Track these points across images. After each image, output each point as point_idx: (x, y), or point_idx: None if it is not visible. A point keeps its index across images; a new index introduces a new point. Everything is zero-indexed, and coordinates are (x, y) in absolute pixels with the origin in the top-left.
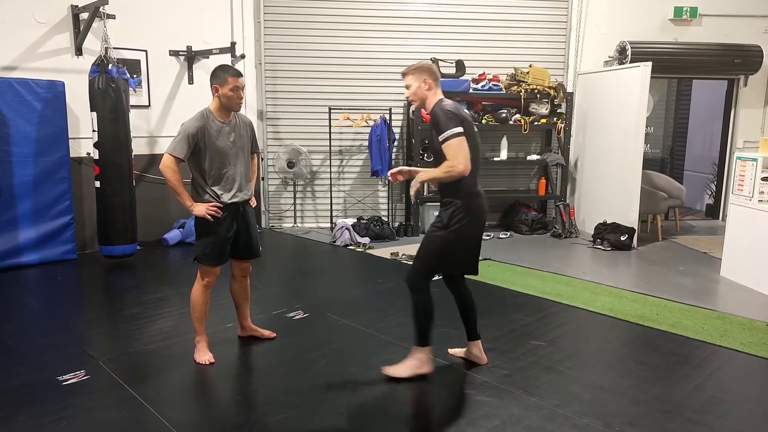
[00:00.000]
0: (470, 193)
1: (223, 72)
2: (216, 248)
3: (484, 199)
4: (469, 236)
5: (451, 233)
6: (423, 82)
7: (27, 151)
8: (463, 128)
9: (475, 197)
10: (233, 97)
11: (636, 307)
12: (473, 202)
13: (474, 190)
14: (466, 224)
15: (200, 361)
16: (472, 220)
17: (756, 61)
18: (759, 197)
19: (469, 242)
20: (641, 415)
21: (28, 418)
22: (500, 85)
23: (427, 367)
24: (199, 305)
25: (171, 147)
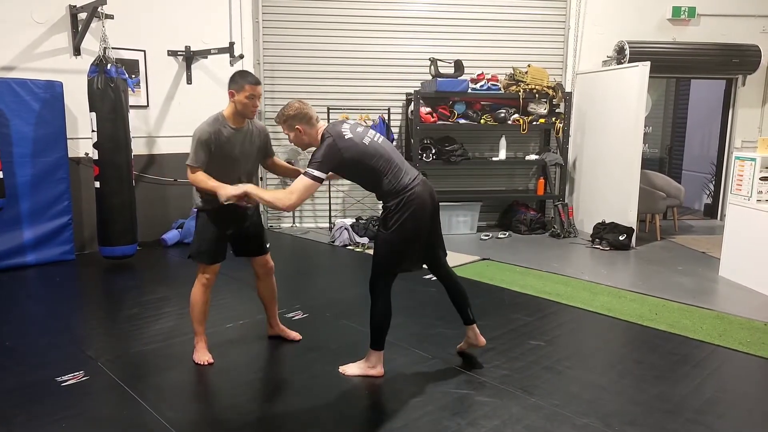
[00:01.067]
0: (400, 191)
1: (241, 78)
2: (210, 246)
3: (420, 187)
4: (414, 230)
5: (393, 234)
6: (297, 130)
7: (25, 151)
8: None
9: (408, 191)
10: (248, 105)
11: (635, 306)
12: (408, 197)
13: (402, 186)
14: (405, 220)
15: (199, 362)
16: (411, 215)
17: (754, 61)
18: (757, 197)
19: (418, 235)
20: (641, 415)
21: (27, 419)
22: (499, 85)
23: (378, 370)
24: (198, 305)
25: (190, 158)
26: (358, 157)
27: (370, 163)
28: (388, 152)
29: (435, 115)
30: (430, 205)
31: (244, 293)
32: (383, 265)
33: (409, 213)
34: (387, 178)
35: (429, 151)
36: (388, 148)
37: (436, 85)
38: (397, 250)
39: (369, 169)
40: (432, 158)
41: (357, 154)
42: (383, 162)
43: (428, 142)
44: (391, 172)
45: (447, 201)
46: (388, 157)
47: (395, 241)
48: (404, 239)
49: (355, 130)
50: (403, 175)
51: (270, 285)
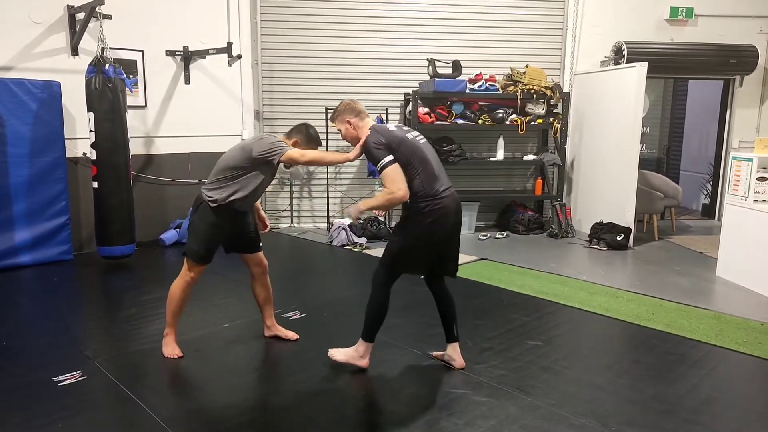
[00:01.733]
0: (429, 196)
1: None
2: (205, 248)
3: (449, 199)
4: (430, 237)
5: (410, 234)
6: (348, 123)
7: (22, 151)
8: (398, 149)
9: (436, 199)
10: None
11: (632, 306)
12: (434, 205)
13: (432, 192)
14: (426, 225)
15: (168, 355)
16: (433, 222)
17: (751, 62)
18: (754, 197)
19: (432, 243)
20: (638, 415)
21: (24, 420)
22: (497, 85)
23: (364, 361)
24: (177, 299)
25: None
26: (395, 145)
27: (406, 155)
28: (425, 153)
29: (433, 115)
30: (453, 219)
31: (241, 293)
32: (391, 259)
33: (432, 220)
34: (419, 178)
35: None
36: (427, 150)
37: (434, 86)
38: (408, 251)
39: (404, 162)
40: None
41: (396, 141)
42: (418, 160)
43: None
44: (426, 173)
45: None
46: (425, 158)
47: (409, 242)
48: (418, 243)
49: (399, 126)
50: (437, 182)
51: (265, 284)
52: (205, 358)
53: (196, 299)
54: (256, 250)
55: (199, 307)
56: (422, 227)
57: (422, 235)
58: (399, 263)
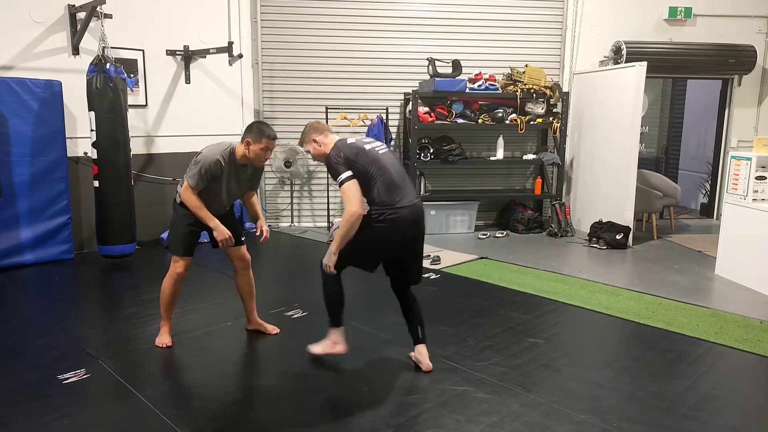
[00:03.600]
0: (384, 205)
1: (260, 132)
2: (183, 240)
3: (406, 211)
4: (379, 242)
5: (360, 233)
6: (314, 142)
7: (24, 150)
8: (355, 160)
9: (391, 209)
10: (261, 156)
11: (632, 304)
12: (387, 214)
13: (389, 201)
14: (376, 231)
15: (159, 344)
16: (383, 230)
17: (750, 61)
18: (753, 196)
19: (383, 247)
20: (638, 412)
21: (29, 417)
22: (496, 85)
23: (340, 347)
24: (167, 295)
25: (190, 177)
26: (353, 156)
27: (364, 164)
28: (384, 163)
29: (433, 114)
30: (410, 230)
31: None
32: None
33: (382, 228)
34: (377, 186)
35: (427, 151)
36: (386, 160)
37: (434, 85)
38: (355, 248)
39: (362, 171)
40: (430, 158)
41: (353, 153)
42: (376, 169)
43: (426, 142)
44: (383, 182)
45: (444, 200)
46: (383, 167)
47: (358, 241)
48: (366, 244)
49: (360, 139)
50: (396, 192)
51: (248, 278)
52: (209, 356)
53: (199, 298)
54: (237, 245)
55: (203, 305)
56: (373, 231)
57: (372, 238)
58: (345, 255)
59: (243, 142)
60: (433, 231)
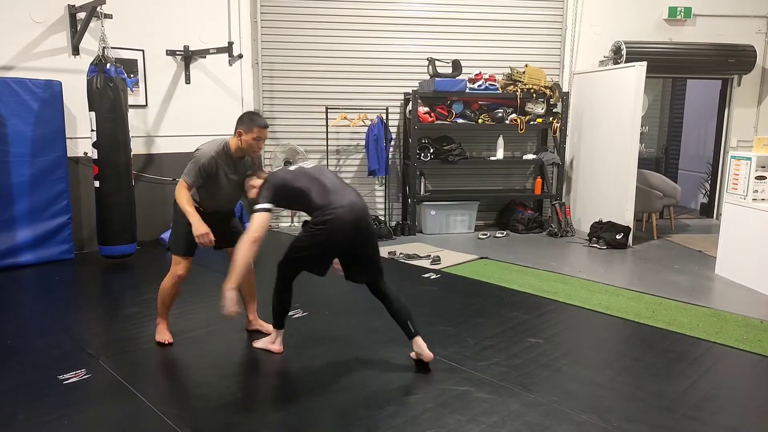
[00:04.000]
0: (321, 208)
1: (251, 121)
2: (184, 240)
3: (343, 210)
4: (323, 244)
5: (306, 237)
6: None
7: (24, 150)
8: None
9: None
10: (254, 146)
11: (632, 304)
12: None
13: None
14: (318, 233)
15: (159, 341)
16: (325, 232)
17: (749, 61)
18: (753, 196)
19: (326, 249)
20: (638, 411)
21: (30, 417)
22: (496, 85)
23: (276, 347)
24: (166, 294)
25: (186, 174)
26: (281, 182)
27: (295, 185)
28: (313, 174)
29: (433, 114)
30: (352, 227)
31: None
32: (290, 255)
33: (324, 230)
34: (312, 194)
35: (427, 151)
36: (316, 171)
37: (434, 85)
38: (303, 251)
39: (294, 189)
40: (430, 158)
41: (282, 180)
42: (306, 180)
43: (426, 142)
44: (318, 190)
45: (445, 200)
46: (314, 178)
47: (305, 244)
48: (312, 247)
49: (286, 168)
50: (330, 196)
51: (249, 281)
52: (210, 356)
53: (199, 297)
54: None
55: (203, 305)
56: (316, 234)
57: (316, 241)
58: (298, 260)
59: (235, 134)
60: (433, 231)
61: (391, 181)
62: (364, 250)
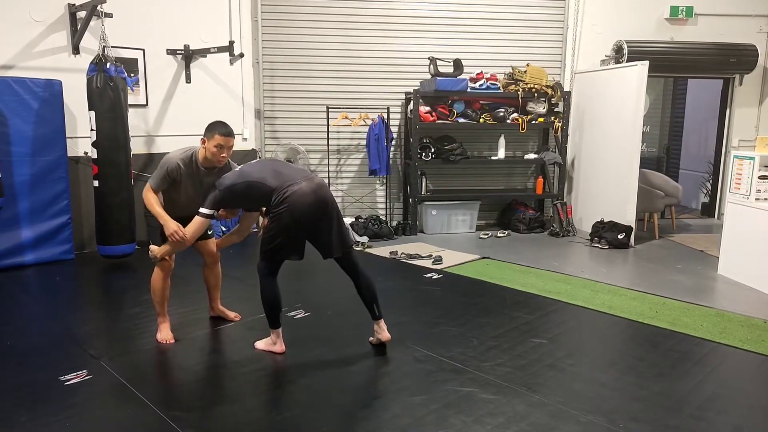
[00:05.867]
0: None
1: (214, 128)
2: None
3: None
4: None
5: (272, 223)
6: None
7: (24, 150)
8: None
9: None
10: (216, 153)
11: (635, 304)
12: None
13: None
14: (282, 213)
15: (161, 340)
16: (287, 209)
17: (751, 60)
18: (756, 195)
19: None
20: (643, 411)
21: (31, 419)
22: (498, 84)
23: (278, 347)
24: (158, 291)
25: (153, 180)
26: (229, 183)
27: (244, 180)
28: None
29: (434, 114)
30: (314, 203)
31: (245, 292)
32: (264, 249)
33: (285, 207)
34: (266, 183)
35: (428, 150)
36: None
37: (435, 84)
38: (275, 238)
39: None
40: (431, 157)
41: (229, 181)
42: (258, 174)
43: (427, 141)
44: (271, 176)
45: (446, 200)
46: (261, 166)
47: (273, 232)
48: (280, 229)
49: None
50: (285, 177)
51: (216, 272)
52: (211, 357)
53: (200, 297)
54: (206, 237)
55: (203, 305)
56: (280, 215)
57: (282, 222)
58: (272, 251)
59: (201, 142)
60: (434, 231)
61: (392, 180)
62: (329, 221)
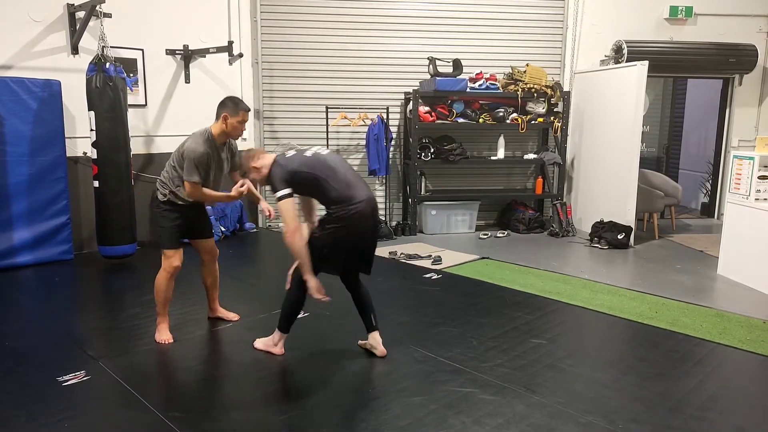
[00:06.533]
0: (341, 203)
1: (235, 105)
2: (174, 232)
3: (363, 205)
4: (343, 241)
5: (325, 236)
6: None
7: (23, 150)
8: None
9: (349, 205)
10: (239, 128)
11: (635, 305)
12: (347, 211)
13: (345, 198)
14: (339, 229)
15: (159, 340)
16: (345, 227)
17: (750, 60)
18: (756, 196)
19: (346, 246)
20: (644, 412)
21: (29, 420)
22: (497, 84)
23: (278, 349)
24: (162, 291)
25: (190, 176)
26: (297, 167)
27: (308, 171)
28: (330, 164)
29: (433, 114)
30: (370, 226)
31: (245, 292)
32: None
33: (344, 224)
34: (331, 187)
35: (427, 150)
36: (332, 161)
37: (434, 84)
38: (323, 251)
39: (310, 178)
40: (430, 157)
41: (294, 166)
42: (326, 170)
43: (427, 141)
44: (337, 182)
45: (445, 200)
46: (332, 167)
47: (325, 244)
48: (333, 245)
49: (299, 150)
50: (350, 190)
51: (214, 271)
52: (210, 358)
53: (200, 298)
54: (207, 236)
55: (203, 305)
56: (337, 230)
57: (337, 238)
58: (316, 263)
59: (220, 118)
60: (434, 231)
61: (392, 180)
62: (371, 244)
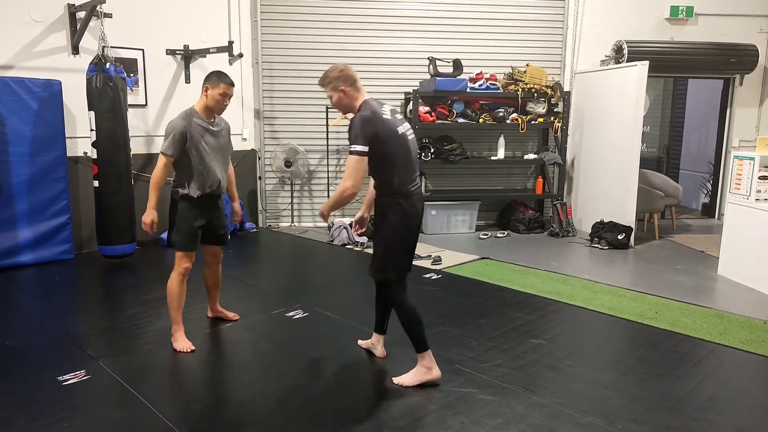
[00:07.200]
0: (404, 194)
1: (218, 77)
2: (193, 235)
3: (417, 199)
4: (410, 231)
5: (400, 227)
6: (341, 91)
7: (23, 150)
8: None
9: (410, 197)
10: (219, 101)
11: (635, 305)
12: (406, 202)
13: (406, 190)
14: (411, 216)
15: (179, 349)
16: (408, 218)
17: (751, 60)
18: (756, 196)
19: (412, 237)
20: (644, 412)
21: (29, 419)
22: (497, 84)
23: (434, 373)
24: (175, 294)
25: (166, 147)
26: (385, 137)
27: (393, 152)
28: (411, 153)
29: (434, 114)
30: (419, 218)
31: (245, 292)
32: (392, 265)
33: (413, 213)
34: (398, 175)
35: (428, 150)
36: (413, 149)
37: (434, 85)
38: (403, 243)
39: (390, 157)
40: (431, 157)
41: (388, 135)
42: (403, 159)
43: (427, 141)
44: (406, 172)
45: (445, 200)
46: (409, 158)
47: (402, 234)
48: (405, 237)
49: (393, 114)
50: (414, 178)
51: (217, 272)
52: (211, 358)
53: (200, 298)
54: (222, 243)
55: (203, 306)
56: (409, 218)
57: (410, 227)
58: (399, 263)
59: (202, 91)
60: (434, 231)
61: None
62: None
